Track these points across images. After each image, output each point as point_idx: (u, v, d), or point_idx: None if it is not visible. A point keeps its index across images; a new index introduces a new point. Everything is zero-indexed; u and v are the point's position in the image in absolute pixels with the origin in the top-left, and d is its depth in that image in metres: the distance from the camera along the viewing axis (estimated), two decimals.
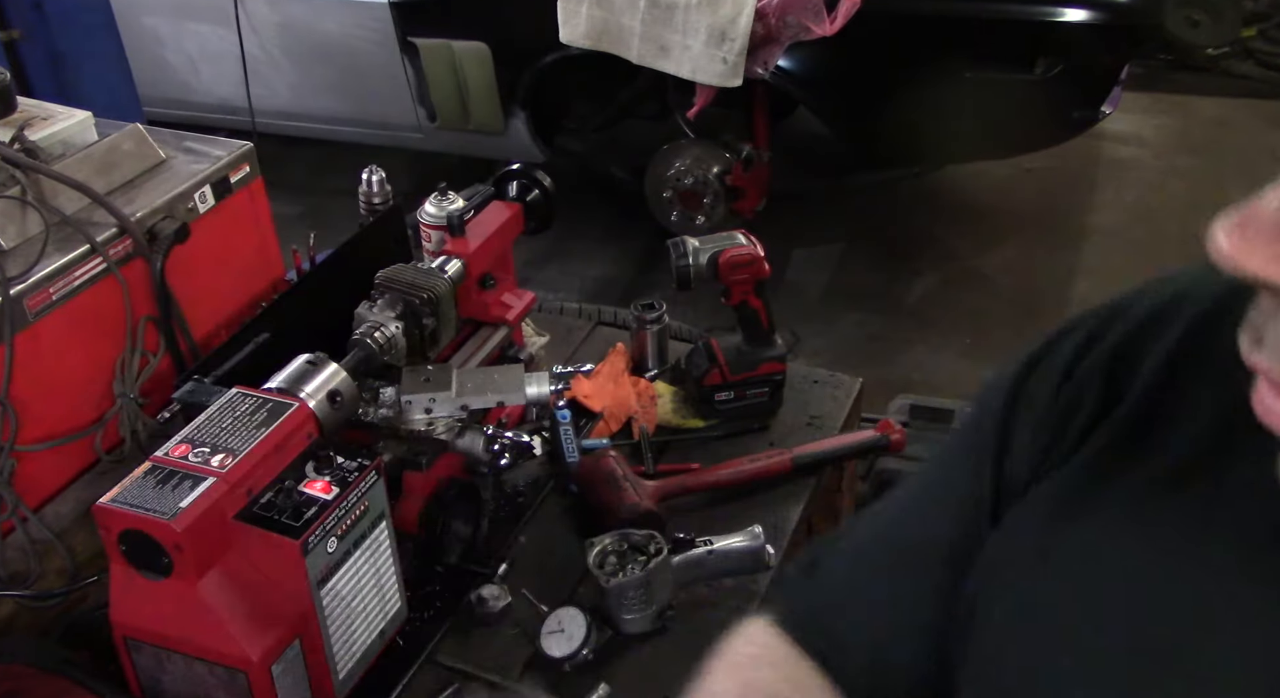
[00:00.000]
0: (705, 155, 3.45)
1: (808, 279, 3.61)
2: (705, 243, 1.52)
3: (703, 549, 1.28)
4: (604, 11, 3.07)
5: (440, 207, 1.49)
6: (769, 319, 1.55)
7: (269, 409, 1.06)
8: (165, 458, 1.01)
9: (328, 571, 1.03)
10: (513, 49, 3.44)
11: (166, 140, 1.49)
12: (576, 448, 1.48)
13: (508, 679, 1.19)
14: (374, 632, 1.14)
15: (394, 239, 1.55)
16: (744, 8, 2.88)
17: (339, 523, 1.03)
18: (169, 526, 0.95)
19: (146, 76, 3.52)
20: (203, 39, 3.81)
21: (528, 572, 1.33)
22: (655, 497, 1.38)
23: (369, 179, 1.65)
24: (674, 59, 3.05)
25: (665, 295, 1.80)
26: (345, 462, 1.06)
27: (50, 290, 1.24)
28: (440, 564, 1.31)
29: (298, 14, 3.63)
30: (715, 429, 1.57)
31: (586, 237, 3.89)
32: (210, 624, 1.00)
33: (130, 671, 1.08)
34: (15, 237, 1.24)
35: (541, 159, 3.67)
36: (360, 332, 1.27)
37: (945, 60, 3.12)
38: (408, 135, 3.83)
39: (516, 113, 3.58)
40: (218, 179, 1.45)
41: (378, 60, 3.62)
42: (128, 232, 1.31)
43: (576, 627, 1.20)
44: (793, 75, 3.22)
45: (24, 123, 1.35)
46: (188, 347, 1.42)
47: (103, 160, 1.36)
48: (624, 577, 1.20)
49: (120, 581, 1.02)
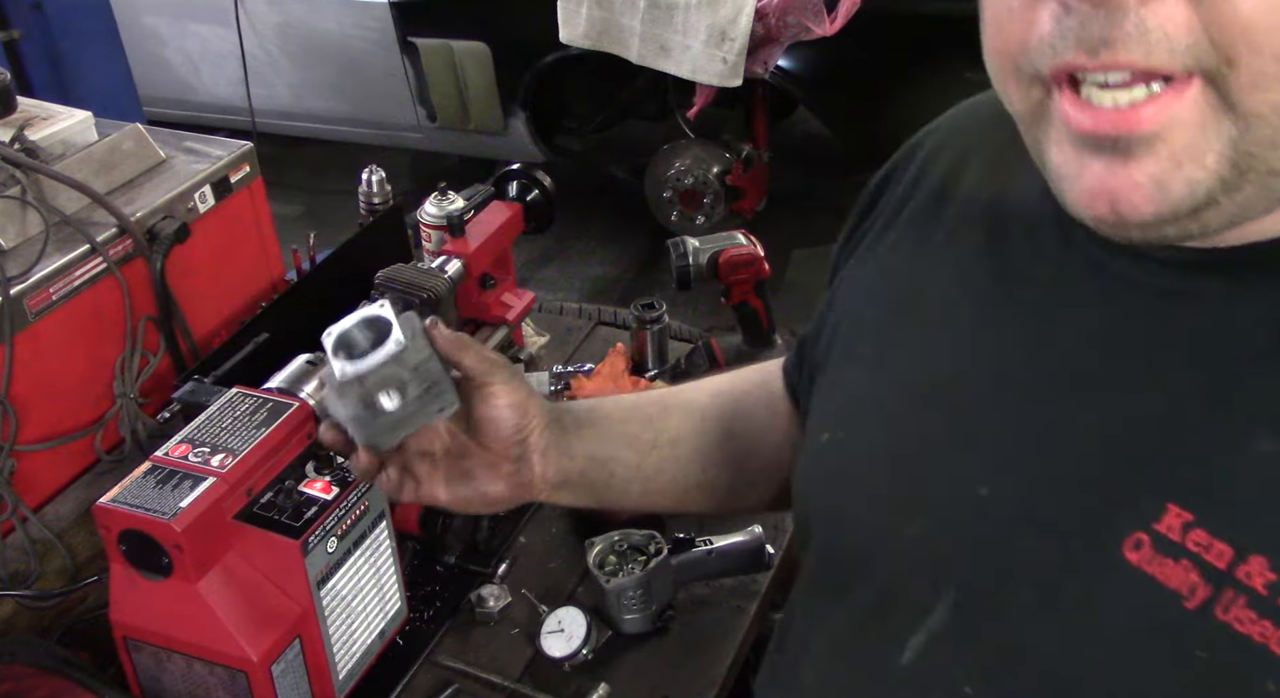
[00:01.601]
0: (705, 155, 3.45)
1: (808, 279, 3.61)
2: (705, 243, 1.52)
3: (703, 549, 1.28)
4: (604, 11, 3.07)
5: (440, 207, 1.50)
6: (769, 319, 1.55)
7: (269, 409, 1.06)
8: (165, 458, 1.01)
9: (328, 571, 1.04)
10: (513, 49, 3.44)
11: (166, 140, 1.49)
12: None
13: (508, 679, 1.19)
14: (374, 632, 1.14)
15: (394, 239, 1.55)
16: (744, 8, 2.89)
17: (339, 523, 1.03)
18: (169, 525, 0.95)
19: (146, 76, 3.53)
20: (203, 39, 3.81)
21: (528, 572, 1.33)
22: None
23: (369, 179, 1.65)
24: (674, 59, 3.05)
25: (665, 295, 1.80)
26: (345, 462, 1.06)
27: (50, 290, 1.24)
28: (440, 564, 1.31)
29: (298, 14, 3.63)
30: None
31: (586, 237, 3.89)
32: (210, 624, 1.00)
33: (130, 671, 1.08)
34: (15, 237, 1.24)
35: (541, 159, 3.67)
36: None
37: (945, 60, 3.12)
38: (408, 135, 3.83)
39: (516, 113, 3.58)
40: (218, 179, 1.45)
41: (377, 60, 3.62)
42: (128, 232, 1.31)
43: (576, 627, 1.20)
44: (793, 75, 3.22)
45: (24, 123, 1.35)
46: (188, 347, 1.42)
47: (103, 160, 1.36)
48: (624, 577, 1.20)
49: (120, 581, 1.02)
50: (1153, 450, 0.53)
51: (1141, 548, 0.51)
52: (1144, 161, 0.47)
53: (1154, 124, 0.46)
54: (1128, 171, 0.48)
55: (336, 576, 1.05)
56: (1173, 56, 0.45)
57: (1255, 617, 0.47)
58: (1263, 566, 0.47)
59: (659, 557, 1.22)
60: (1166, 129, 0.46)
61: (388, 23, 3.51)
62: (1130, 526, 0.52)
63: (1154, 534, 0.51)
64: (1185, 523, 0.50)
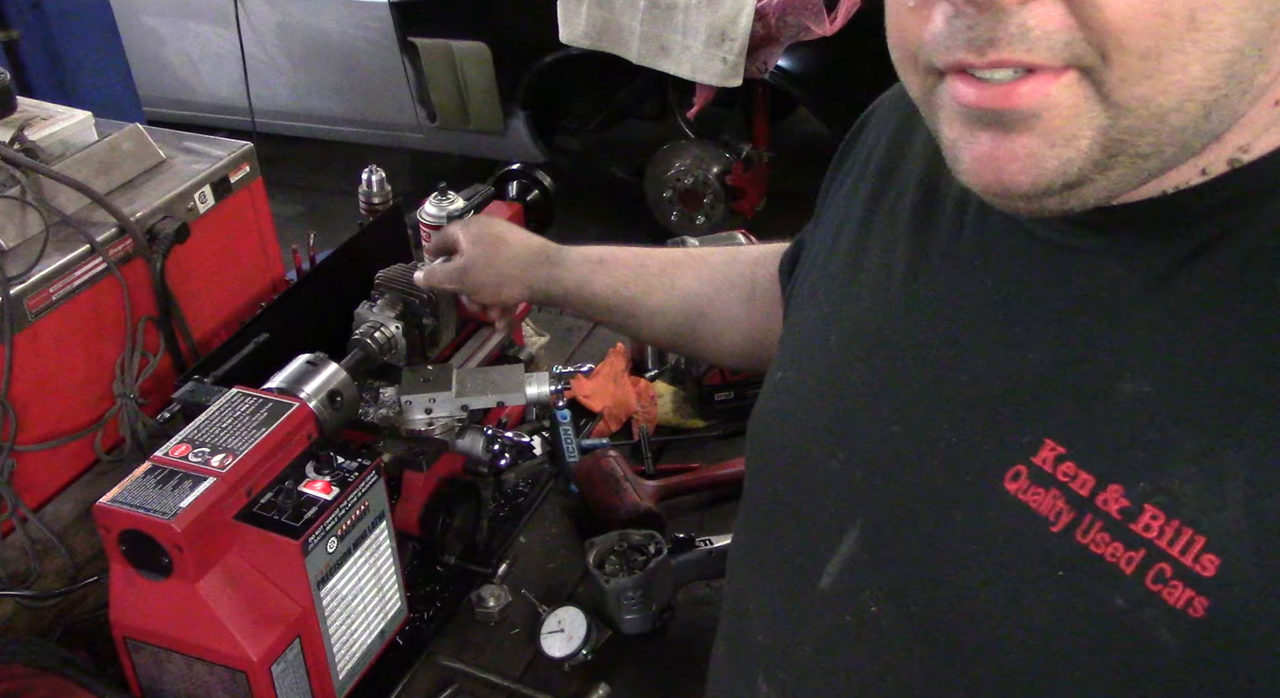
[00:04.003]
0: (705, 155, 3.45)
1: None
2: (705, 243, 1.52)
3: (703, 549, 1.28)
4: (604, 11, 3.07)
5: (440, 207, 1.49)
6: None
7: (269, 409, 1.06)
8: (165, 458, 1.01)
9: (328, 571, 1.04)
10: (513, 49, 3.44)
11: (166, 140, 1.49)
12: (576, 448, 1.48)
13: (508, 679, 1.19)
14: (374, 632, 1.14)
15: (394, 239, 1.55)
16: (744, 8, 2.89)
17: (339, 523, 1.03)
18: (169, 525, 0.95)
19: (146, 76, 3.53)
20: (203, 39, 3.82)
21: (528, 572, 1.33)
22: (655, 497, 1.38)
23: (369, 179, 1.65)
24: (674, 59, 3.05)
25: None
26: (345, 462, 1.06)
27: (50, 290, 1.24)
28: (440, 564, 1.31)
29: (297, 14, 3.64)
30: (715, 429, 1.57)
31: (586, 237, 3.87)
32: (210, 624, 1.00)
33: (130, 671, 1.08)
34: (15, 237, 1.24)
35: (541, 159, 3.68)
36: (360, 332, 1.27)
37: None
38: (408, 135, 3.83)
39: (516, 113, 3.58)
40: (218, 179, 1.45)
41: (377, 60, 3.62)
42: (128, 232, 1.31)
43: (576, 627, 1.20)
44: (793, 75, 3.22)
45: (24, 123, 1.35)
46: (188, 347, 1.42)
47: (103, 160, 1.36)
48: (624, 577, 1.20)
49: (120, 581, 1.02)
50: (1038, 391, 0.58)
51: (1019, 479, 0.57)
52: (1022, 137, 0.52)
53: (1030, 102, 0.50)
54: (1009, 144, 0.52)
55: (336, 576, 1.05)
56: (1052, 53, 0.49)
57: (1109, 539, 0.53)
58: (1118, 493, 0.53)
59: (659, 557, 1.22)
60: (1044, 108, 0.50)
61: (388, 23, 3.51)
62: (1012, 459, 0.58)
63: (1031, 466, 0.57)
64: (1058, 456, 0.56)
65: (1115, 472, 0.53)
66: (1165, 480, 0.52)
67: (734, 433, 1.55)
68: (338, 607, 1.06)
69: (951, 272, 0.67)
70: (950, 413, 0.62)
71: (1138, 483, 0.52)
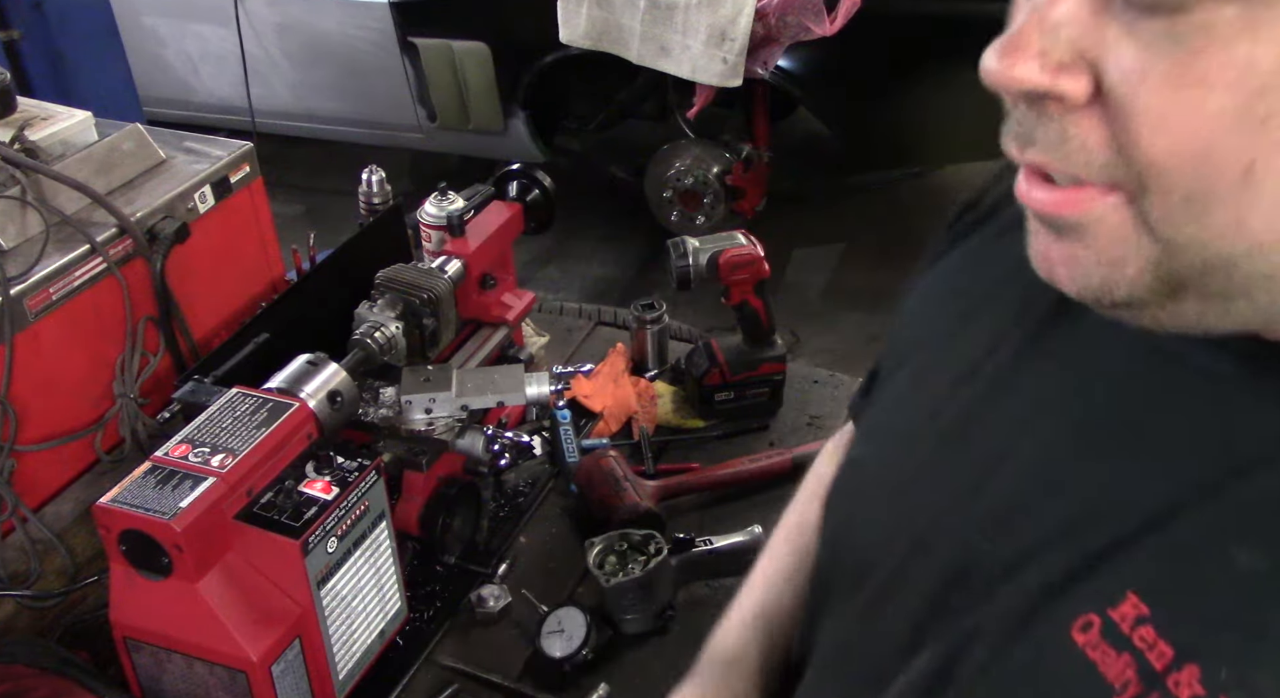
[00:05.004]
0: (705, 155, 3.45)
1: (808, 279, 3.61)
2: (705, 243, 1.52)
3: (703, 549, 1.28)
4: (604, 11, 3.07)
5: (440, 207, 1.49)
6: (769, 319, 1.55)
7: (269, 409, 1.06)
8: (165, 458, 1.01)
9: (328, 571, 1.04)
10: (513, 49, 3.44)
11: (166, 140, 1.49)
12: (576, 448, 1.48)
13: (508, 679, 1.19)
14: (374, 632, 1.14)
15: (394, 239, 1.55)
16: (744, 8, 2.89)
17: (339, 523, 1.03)
18: (169, 525, 0.95)
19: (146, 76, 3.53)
20: (203, 39, 3.81)
21: (528, 572, 1.33)
22: (655, 497, 1.38)
23: (369, 179, 1.65)
24: (674, 59, 3.05)
25: (665, 295, 1.80)
26: (345, 462, 1.06)
27: (50, 290, 1.24)
28: (440, 564, 1.31)
29: (297, 14, 3.63)
30: (715, 429, 1.57)
31: (586, 237, 3.89)
32: (210, 624, 1.00)
33: (130, 671, 1.08)
34: (15, 237, 1.24)
35: (541, 159, 3.67)
36: (360, 332, 1.27)
37: (945, 60, 3.12)
38: (408, 135, 3.83)
39: (516, 113, 3.58)
40: (218, 179, 1.45)
41: (378, 60, 3.62)
42: (128, 232, 1.31)
43: (576, 627, 1.20)
44: (793, 75, 3.22)
45: (24, 123, 1.35)
46: (188, 347, 1.42)
47: (103, 160, 1.36)
48: (624, 577, 1.20)
49: (120, 581, 1.02)
50: (1135, 532, 0.50)
51: (1089, 631, 0.50)
52: (1068, 243, 0.48)
53: (1075, 214, 0.47)
54: (1059, 247, 0.49)
55: (336, 576, 1.05)
56: (1089, 169, 0.45)
57: None
58: (1193, 675, 0.46)
59: (659, 557, 1.21)
60: (1090, 222, 0.46)
61: (388, 23, 3.51)
62: (1086, 604, 0.50)
63: (1105, 620, 0.49)
64: (1139, 616, 0.48)
65: (1198, 650, 0.46)
66: (1252, 674, 0.44)
67: (734, 433, 1.55)
68: (338, 607, 1.06)
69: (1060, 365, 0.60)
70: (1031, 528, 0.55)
71: (1219, 670, 0.45)
